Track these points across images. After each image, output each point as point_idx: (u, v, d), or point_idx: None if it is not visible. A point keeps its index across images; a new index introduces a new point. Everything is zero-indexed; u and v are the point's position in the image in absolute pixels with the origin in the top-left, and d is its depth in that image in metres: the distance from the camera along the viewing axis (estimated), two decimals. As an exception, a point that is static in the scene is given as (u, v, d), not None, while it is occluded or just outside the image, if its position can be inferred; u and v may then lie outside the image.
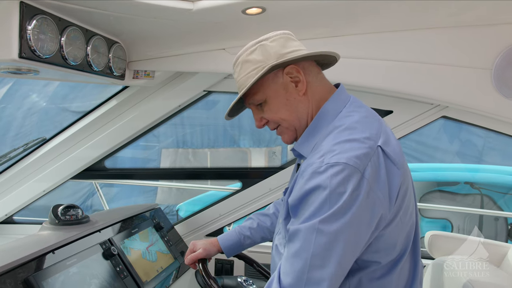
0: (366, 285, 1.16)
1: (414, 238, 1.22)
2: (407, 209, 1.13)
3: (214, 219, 2.49)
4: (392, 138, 1.16)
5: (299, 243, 1.02)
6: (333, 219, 0.98)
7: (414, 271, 1.23)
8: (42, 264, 1.42)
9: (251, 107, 1.26)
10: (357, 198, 0.98)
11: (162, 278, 1.90)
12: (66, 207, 1.79)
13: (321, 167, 1.02)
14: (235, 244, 1.65)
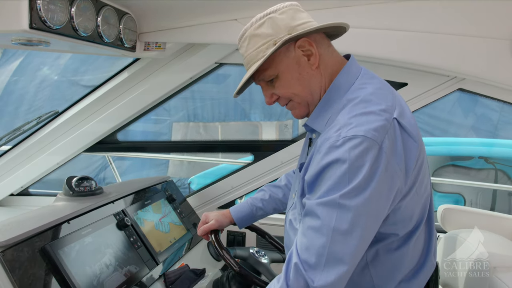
0: (382, 257, 1.16)
1: (429, 210, 1.22)
2: (422, 181, 1.12)
3: (226, 192, 2.50)
4: (407, 110, 1.14)
5: (318, 220, 1.00)
6: (354, 194, 0.97)
7: (429, 242, 1.24)
8: (58, 234, 1.44)
9: (261, 84, 1.22)
10: (377, 171, 0.97)
11: (175, 249, 1.93)
12: (80, 178, 1.81)
13: (339, 141, 1.00)
14: (247, 216, 1.66)
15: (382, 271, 1.17)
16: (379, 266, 1.17)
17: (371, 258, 1.16)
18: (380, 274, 1.18)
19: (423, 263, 1.22)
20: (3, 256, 1.23)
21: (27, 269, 1.27)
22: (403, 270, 1.19)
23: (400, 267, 1.18)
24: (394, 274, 1.18)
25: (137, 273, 1.62)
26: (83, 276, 1.39)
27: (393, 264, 1.17)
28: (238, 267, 1.50)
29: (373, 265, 1.17)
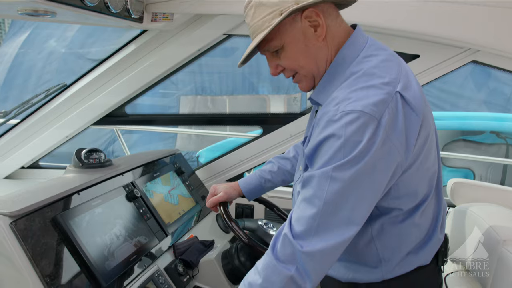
0: (388, 230, 1.16)
1: (437, 184, 1.21)
2: (427, 156, 1.11)
3: (234, 165, 2.51)
4: (413, 83, 1.10)
5: (311, 190, 1.01)
6: (347, 167, 0.96)
7: (438, 215, 1.23)
8: (69, 204, 1.46)
9: (266, 54, 1.19)
10: (372, 146, 0.96)
11: (184, 221, 1.95)
12: (89, 150, 1.81)
13: (336, 115, 0.98)
14: (256, 188, 1.66)
15: (388, 244, 1.18)
16: (384, 239, 1.17)
17: (376, 232, 1.17)
18: (386, 247, 1.18)
19: (431, 235, 1.22)
20: (15, 226, 1.24)
21: (39, 238, 1.29)
22: (410, 242, 1.19)
23: (406, 240, 1.18)
24: (400, 246, 1.18)
25: (147, 244, 1.64)
26: (93, 246, 1.41)
27: (399, 237, 1.17)
28: (246, 239, 1.51)
29: (379, 238, 1.17)
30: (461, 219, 1.81)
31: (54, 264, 1.28)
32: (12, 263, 1.21)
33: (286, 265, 1.01)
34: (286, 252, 1.02)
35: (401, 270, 1.20)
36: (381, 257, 1.19)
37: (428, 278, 1.27)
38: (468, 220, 1.76)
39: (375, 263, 1.20)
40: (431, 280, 1.29)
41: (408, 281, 1.22)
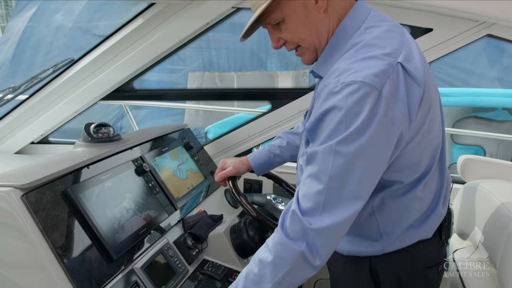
0: (388, 203, 1.17)
1: (440, 158, 1.21)
2: (430, 128, 1.10)
3: (243, 140, 2.50)
4: (416, 54, 1.09)
5: (316, 166, 1.00)
6: (350, 140, 0.96)
7: (440, 189, 1.24)
8: (78, 178, 1.46)
9: (267, 27, 1.17)
10: (375, 117, 0.95)
11: (193, 195, 1.96)
12: (98, 125, 1.81)
13: (337, 87, 0.98)
14: (265, 163, 1.66)
15: (389, 217, 1.19)
16: (385, 212, 1.18)
17: (377, 205, 1.17)
18: (386, 220, 1.19)
19: (433, 209, 1.23)
20: (27, 198, 1.25)
21: (50, 211, 1.30)
22: (411, 216, 1.19)
23: (407, 213, 1.18)
24: (401, 220, 1.19)
25: (156, 218, 1.65)
26: (104, 219, 1.42)
27: (399, 210, 1.17)
28: (255, 213, 1.52)
29: (379, 211, 1.18)
30: (471, 196, 1.80)
31: (65, 236, 1.30)
32: (23, 236, 1.22)
33: (296, 241, 1.01)
34: (296, 229, 1.02)
35: (402, 244, 1.21)
36: (382, 231, 1.20)
37: (431, 252, 1.28)
38: (479, 197, 1.74)
39: (376, 237, 1.21)
40: (434, 254, 1.30)
41: (409, 255, 1.23)
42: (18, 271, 1.30)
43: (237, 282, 1.11)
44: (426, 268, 1.27)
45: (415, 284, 1.25)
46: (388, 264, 1.24)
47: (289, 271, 1.03)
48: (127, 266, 1.43)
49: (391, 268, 1.24)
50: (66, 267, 1.23)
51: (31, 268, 1.26)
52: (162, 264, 1.54)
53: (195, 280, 1.61)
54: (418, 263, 1.25)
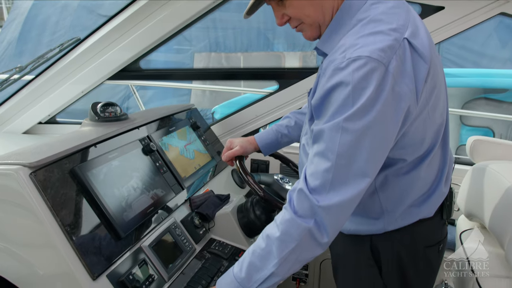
0: (391, 182, 1.17)
1: (444, 137, 1.20)
2: (435, 106, 1.10)
3: (250, 120, 2.49)
4: (422, 31, 1.08)
5: (324, 144, 0.99)
6: (357, 117, 0.95)
7: (443, 169, 1.23)
8: (86, 157, 1.46)
9: (271, 3, 1.15)
10: (382, 93, 0.94)
11: (200, 175, 1.96)
12: (105, 104, 1.80)
13: (343, 63, 0.96)
14: (272, 142, 1.65)
15: (391, 195, 1.18)
16: (388, 191, 1.18)
17: (379, 183, 1.17)
18: (389, 199, 1.19)
19: (435, 188, 1.23)
20: (35, 176, 1.26)
21: (58, 189, 1.30)
22: (413, 195, 1.19)
23: (409, 192, 1.18)
24: (403, 198, 1.19)
25: (164, 197, 1.66)
26: (111, 198, 1.43)
27: (402, 189, 1.17)
28: (262, 192, 1.52)
29: (382, 190, 1.18)
30: (480, 177, 1.78)
31: (73, 214, 1.30)
32: (32, 214, 1.23)
33: (304, 218, 1.02)
34: (304, 206, 1.02)
35: (403, 222, 1.22)
36: (384, 209, 1.20)
37: (431, 231, 1.29)
38: (487, 178, 1.73)
39: (377, 215, 1.21)
40: (435, 233, 1.30)
41: (410, 233, 1.23)
42: (28, 248, 1.31)
43: (243, 257, 1.12)
44: (426, 247, 1.27)
45: (416, 262, 1.26)
46: (389, 243, 1.24)
47: (296, 247, 1.03)
48: (135, 244, 1.44)
49: (392, 246, 1.24)
50: (75, 244, 1.24)
51: (40, 245, 1.28)
52: (170, 242, 1.55)
53: (202, 259, 1.62)
54: (419, 242, 1.25)
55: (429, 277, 1.35)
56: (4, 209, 1.32)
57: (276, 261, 1.05)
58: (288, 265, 1.06)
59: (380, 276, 1.26)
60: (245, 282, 1.09)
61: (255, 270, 1.08)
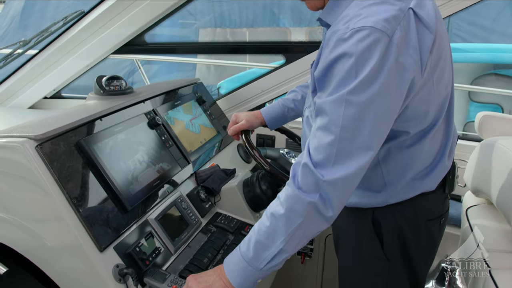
0: (394, 155, 1.16)
1: (448, 111, 1.19)
2: (440, 78, 1.08)
3: (256, 95, 2.46)
4: (428, 1, 1.06)
5: (327, 117, 0.98)
6: (361, 89, 0.93)
7: (446, 142, 1.22)
8: (92, 130, 1.46)
9: None
10: (385, 64, 0.92)
11: (206, 150, 1.96)
12: (110, 77, 1.79)
13: (346, 33, 0.94)
14: (278, 117, 1.64)
15: (394, 168, 1.18)
16: (390, 163, 1.17)
17: (382, 156, 1.16)
18: (391, 172, 1.18)
19: (438, 162, 1.22)
20: (41, 149, 1.25)
21: (64, 162, 1.30)
22: (416, 168, 1.19)
23: (412, 165, 1.17)
24: (405, 171, 1.18)
25: (169, 171, 1.66)
26: (118, 171, 1.43)
27: (405, 162, 1.16)
28: (268, 166, 1.51)
29: (385, 162, 1.17)
30: (488, 152, 1.76)
31: (80, 187, 1.31)
32: (39, 187, 1.23)
33: (309, 194, 1.01)
34: (308, 181, 1.01)
35: (406, 195, 1.21)
36: (386, 182, 1.19)
37: (433, 205, 1.28)
38: (496, 153, 1.71)
39: (379, 188, 1.21)
40: (437, 206, 1.30)
41: (412, 206, 1.23)
42: (35, 221, 1.32)
43: (249, 236, 1.12)
44: (428, 220, 1.27)
45: (417, 236, 1.26)
46: (390, 216, 1.24)
47: (302, 223, 1.03)
48: (142, 217, 1.45)
49: (393, 219, 1.24)
50: (82, 216, 1.25)
51: (47, 218, 1.29)
52: (176, 216, 1.56)
53: (208, 232, 1.63)
54: (421, 215, 1.25)
55: (430, 250, 1.36)
56: (10, 182, 1.32)
57: (283, 238, 1.05)
58: (295, 241, 1.06)
59: (381, 249, 1.26)
60: (253, 261, 1.09)
61: (262, 248, 1.08)
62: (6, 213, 1.37)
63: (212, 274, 1.16)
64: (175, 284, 1.27)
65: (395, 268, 1.27)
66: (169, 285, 1.26)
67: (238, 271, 1.11)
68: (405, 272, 1.29)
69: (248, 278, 1.10)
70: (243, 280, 1.11)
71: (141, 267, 1.32)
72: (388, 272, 1.28)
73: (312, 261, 2.52)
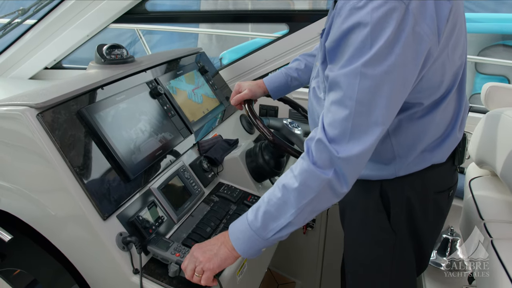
0: (405, 126, 1.13)
1: (461, 81, 1.15)
2: (455, 47, 1.04)
3: (259, 65, 2.42)
4: None
5: (341, 91, 0.95)
6: (377, 61, 0.89)
7: (458, 113, 1.19)
8: (93, 99, 1.44)
9: None
10: (401, 34, 0.88)
11: (208, 120, 1.94)
12: (111, 46, 1.76)
13: (360, 2, 0.90)
14: (281, 86, 1.61)
15: (404, 140, 1.15)
16: (400, 135, 1.14)
17: (392, 128, 1.14)
18: (401, 144, 1.16)
19: (449, 133, 1.19)
20: (42, 117, 1.24)
21: (66, 130, 1.29)
22: (426, 139, 1.16)
23: (423, 137, 1.15)
24: (416, 143, 1.16)
25: (172, 140, 1.65)
26: (120, 140, 1.42)
27: (416, 133, 1.14)
28: (271, 136, 1.50)
29: (395, 134, 1.14)
30: (494, 124, 1.74)
31: (82, 156, 1.30)
32: (40, 156, 1.23)
33: (324, 170, 0.99)
34: (323, 157, 0.99)
35: (415, 168, 1.20)
36: (396, 154, 1.17)
37: (443, 177, 1.27)
38: (502, 124, 1.69)
39: (388, 160, 1.19)
40: (446, 178, 1.28)
41: (421, 179, 1.21)
42: (38, 190, 1.32)
43: (258, 206, 1.11)
44: (437, 192, 1.26)
45: (425, 208, 1.25)
46: (399, 188, 1.23)
47: (314, 198, 1.02)
48: (144, 186, 1.45)
49: (402, 192, 1.23)
50: (85, 185, 1.24)
51: (50, 187, 1.28)
52: (178, 185, 1.56)
53: (210, 202, 1.63)
54: (430, 187, 1.24)
55: (437, 223, 1.35)
56: (12, 153, 1.32)
57: (293, 211, 1.04)
58: (305, 215, 1.05)
59: (388, 221, 1.26)
60: (260, 230, 1.09)
61: (271, 219, 1.07)
62: (9, 183, 1.37)
63: (216, 243, 1.17)
64: (178, 252, 1.27)
65: (401, 241, 1.27)
66: (173, 253, 1.27)
67: (243, 239, 1.11)
68: (411, 245, 1.29)
69: (254, 246, 1.11)
70: (248, 247, 1.11)
71: (144, 235, 1.33)
72: (394, 245, 1.27)
73: (314, 232, 2.54)
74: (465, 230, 1.76)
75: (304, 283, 2.74)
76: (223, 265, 1.15)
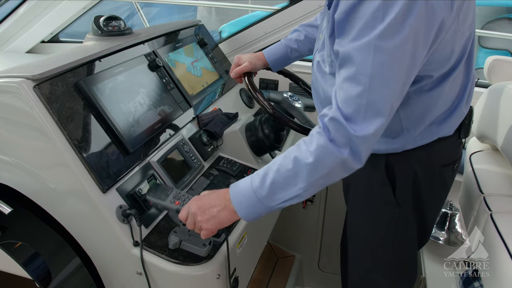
0: (413, 100, 1.11)
1: (470, 52, 1.13)
2: (465, 18, 1.01)
3: (259, 38, 2.38)
4: None
5: (353, 67, 0.92)
6: (390, 33, 0.86)
7: (465, 86, 1.18)
8: (91, 71, 1.42)
9: None
10: (414, 5, 0.85)
11: (208, 93, 1.92)
12: (108, 17, 1.72)
13: None
14: (281, 57, 1.59)
15: (412, 113, 1.14)
16: (408, 109, 1.13)
17: (401, 101, 1.11)
18: (409, 117, 1.14)
19: (456, 106, 1.18)
20: (39, 89, 1.22)
21: (64, 103, 1.27)
22: (434, 112, 1.15)
23: (431, 110, 1.14)
24: (424, 116, 1.14)
25: (171, 114, 1.63)
26: (118, 113, 1.40)
27: (424, 107, 1.12)
28: (272, 109, 1.49)
29: (403, 108, 1.12)
30: (496, 97, 1.73)
31: (81, 129, 1.29)
32: (38, 130, 1.21)
33: (340, 148, 0.97)
34: (339, 135, 0.96)
35: (422, 141, 1.18)
36: (404, 127, 1.16)
37: (449, 150, 1.26)
38: (505, 98, 1.67)
39: (396, 133, 1.18)
40: (452, 152, 1.27)
41: (428, 152, 1.20)
42: (37, 163, 1.32)
43: (265, 173, 1.07)
44: (442, 166, 1.25)
45: (430, 181, 1.24)
46: (406, 161, 1.22)
47: (327, 174, 1.00)
48: (144, 159, 1.44)
49: (408, 165, 1.22)
50: (83, 158, 1.24)
51: (49, 160, 1.28)
52: (178, 159, 1.55)
53: (210, 176, 1.63)
54: (436, 160, 1.23)
55: (441, 196, 1.35)
56: (9, 128, 1.31)
57: (304, 185, 1.02)
58: (314, 188, 1.04)
59: (393, 195, 1.25)
60: (265, 199, 1.06)
61: (279, 189, 1.05)
62: (7, 156, 1.36)
63: (215, 204, 1.13)
64: (178, 199, 1.26)
65: (405, 215, 1.27)
66: (172, 201, 1.25)
67: (246, 204, 1.09)
68: (414, 219, 1.29)
69: (256, 211, 1.09)
70: (251, 212, 1.09)
71: (143, 208, 1.34)
72: (397, 219, 1.27)
73: (314, 206, 2.56)
74: (465, 204, 1.77)
75: (303, 256, 2.77)
76: (221, 226, 1.13)
